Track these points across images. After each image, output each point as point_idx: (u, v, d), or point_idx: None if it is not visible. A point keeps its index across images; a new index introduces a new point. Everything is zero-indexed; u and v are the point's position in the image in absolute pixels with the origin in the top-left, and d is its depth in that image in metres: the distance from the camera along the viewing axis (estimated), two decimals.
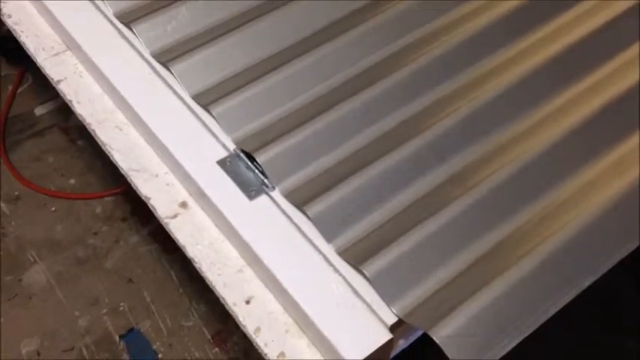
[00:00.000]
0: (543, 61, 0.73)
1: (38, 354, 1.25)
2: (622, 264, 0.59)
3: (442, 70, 0.71)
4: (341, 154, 0.65)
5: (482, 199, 0.62)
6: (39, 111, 1.51)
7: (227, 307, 0.62)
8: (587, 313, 0.60)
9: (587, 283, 0.58)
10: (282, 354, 0.59)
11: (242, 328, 0.61)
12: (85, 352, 1.26)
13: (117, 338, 1.29)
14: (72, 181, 1.46)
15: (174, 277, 1.27)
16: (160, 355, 1.27)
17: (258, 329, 0.60)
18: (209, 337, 1.23)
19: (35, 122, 1.50)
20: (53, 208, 1.43)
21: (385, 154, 0.64)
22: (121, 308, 1.31)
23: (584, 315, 0.59)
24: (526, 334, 0.55)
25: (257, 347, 0.60)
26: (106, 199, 1.44)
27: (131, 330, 1.31)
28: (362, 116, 0.67)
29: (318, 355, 0.59)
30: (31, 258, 1.35)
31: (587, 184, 0.64)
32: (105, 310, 1.31)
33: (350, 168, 0.64)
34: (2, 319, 1.25)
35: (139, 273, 1.36)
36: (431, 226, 0.60)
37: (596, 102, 0.71)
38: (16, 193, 1.42)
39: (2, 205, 1.42)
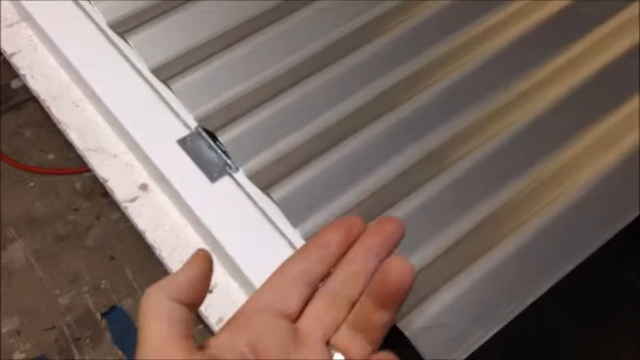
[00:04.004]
0: (528, 28, 0.67)
1: (18, 333, 1.21)
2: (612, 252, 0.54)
3: (417, 41, 0.64)
4: (310, 132, 0.59)
5: (460, 178, 0.57)
6: (15, 84, 1.45)
7: None
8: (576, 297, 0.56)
9: (570, 266, 0.53)
10: None
11: (204, 318, 0.57)
12: (66, 330, 1.23)
13: (99, 316, 1.25)
14: (50, 156, 1.41)
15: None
16: None
17: (220, 319, 0.56)
18: None
19: (12, 96, 1.44)
20: (32, 184, 1.39)
21: (357, 131, 0.59)
22: (103, 286, 1.28)
23: (572, 299, 0.55)
24: (504, 323, 0.50)
25: None
26: (86, 174, 1.39)
27: (113, 308, 1.27)
28: (333, 91, 0.61)
29: None
30: (10, 235, 1.31)
31: (576, 157, 0.59)
32: (86, 288, 1.28)
33: (319, 147, 0.58)
34: None
35: (121, 250, 1.32)
36: (405, 208, 0.55)
37: (586, 70, 0.65)
38: None
39: None
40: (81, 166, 1.37)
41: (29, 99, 1.42)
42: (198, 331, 1.25)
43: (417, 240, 0.54)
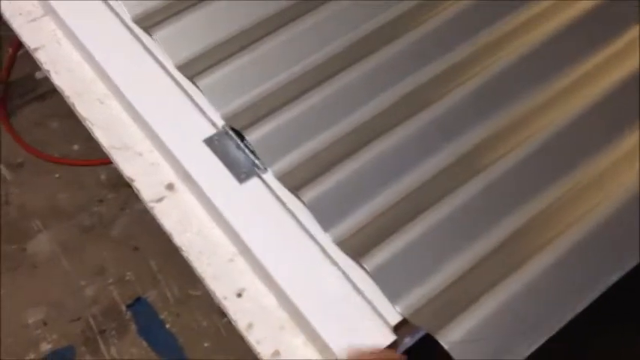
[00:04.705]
0: (566, 23, 0.63)
1: (45, 324, 1.21)
2: None
3: (449, 36, 0.61)
4: (340, 131, 0.57)
5: (494, 183, 0.54)
6: (39, 75, 1.43)
7: (217, 301, 0.56)
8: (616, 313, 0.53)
9: (615, 277, 0.50)
10: (276, 352, 0.53)
11: (233, 323, 0.55)
12: (92, 321, 1.22)
13: (124, 308, 1.24)
14: (76, 146, 1.40)
15: None
16: (167, 325, 1.23)
17: (250, 325, 0.54)
18: (217, 306, 1.19)
19: (36, 86, 1.43)
20: (57, 175, 1.38)
21: (388, 131, 0.56)
22: (128, 277, 1.26)
23: (612, 314, 0.52)
24: (546, 338, 0.48)
25: (249, 345, 0.54)
26: (111, 165, 1.38)
27: (138, 299, 1.26)
28: (363, 88, 0.58)
29: (317, 355, 0.52)
30: (35, 227, 1.30)
31: (614, 163, 0.56)
32: (111, 280, 1.27)
33: (350, 147, 0.56)
34: (5, 290, 1.20)
35: (146, 241, 1.30)
36: (438, 214, 0.52)
37: (630, 65, 0.62)
38: (19, 159, 1.36)
39: (5, 171, 1.36)
40: (106, 158, 1.37)
41: (53, 90, 1.41)
42: (224, 324, 1.23)
43: (452, 248, 0.51)
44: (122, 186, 1.37)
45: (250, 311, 0.54)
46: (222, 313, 1.20)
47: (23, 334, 1.18)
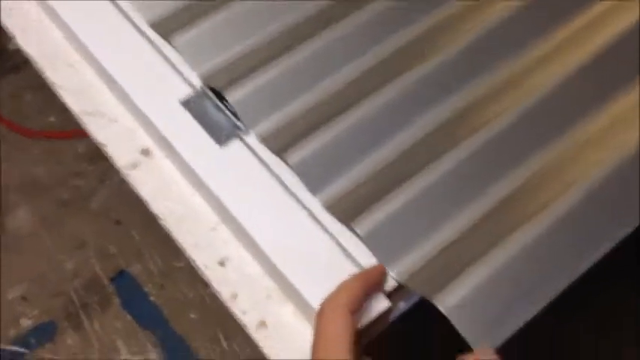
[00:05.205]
0: None
1: (25, 299, 1.17)
2: None
3: None
4: (325, 90, 0.53)
5: (492, 141, 0.51)
6: (13, 45, 1.38)
7: (199, 271, 0.52)
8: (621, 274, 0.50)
9: (622, 234, 0.47)
10: (262, 323, 0.50)
11: (216, 294, 0.52)
12: (74, 296, 1.19)
13: (106, 281, 1.21)
14: (52, 118, 1.35)
15: None
16: (151, 297, 1.20)
17: (234, 295, 0.51)
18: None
19: (9, 57, 1.37)
20: (34, 148, 1.33)
21: (376, 90, 0.53)
22: (109, 251, 1.23)
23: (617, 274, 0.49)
24: (545, 303, 0.45)
25: (234, 316, 0.51)
26: (89, 137, 1.33)
27: (121, 272, 1.23)
28: (347, 47, 0.54)
29: (306, 324, 0.49)
30: (13, 201, 1.26)
31: (619, 117, 0.53)
32: (92, 254, 1.24)
33: (336, 107, 0.52)
34: None
35: (127, 214, 1.27)
36: (432, 174, 0.49)
37: (616, 27, 0.58)
38: None
39: None
40: (83, 129, 1.32)
41: (28, 60, 1.36)
42: (209, 294, 1.20)
43: (448, 210, 0.48)
44: (100, 158, 1.32)
45: (234, 281, 0.51)
46: (206, 284, 1.17)
47: (3, 310, 1.15)
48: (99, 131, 0.57)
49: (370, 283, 0.45)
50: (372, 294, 0.46)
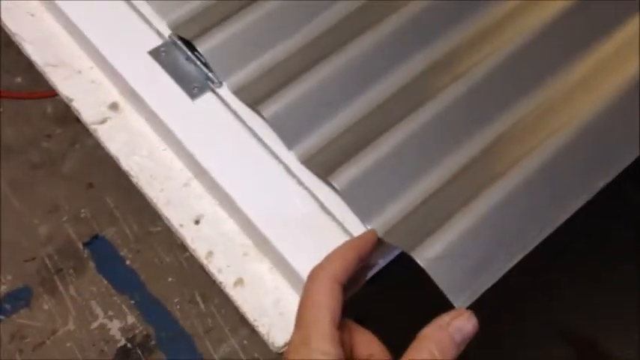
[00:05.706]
0: None
1: None
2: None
3: None
4: (301, 39, 0.51)
5: (471, 91, 0.49)
6: None
7: (173, 230, 0.51)
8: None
9: (601, 183, 0.46)
10: (239, 281, 0.48)
11: (191, 252, 0.50)
12: (47, 261, 1.16)
13: (80, 246, 1.19)
14: (18, 79, 1.30)
15: None
16: (127, 262, 1.18)
17: (210, 253, 0.49)
18: (180, 241, 1.14)
19: None
20: (0, 110, 1.29)
21: (353, 38, 0.50)
22: (83, 215, 1.20)
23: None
24: (527, 251, 0.44)
25: (210, 274, 0.49)
26: (58, 97, 1.29)
27: (95, 237, 1.20)
28: None
29: (283, 282, 0.48)
30: None
31: (600, 64, 0.51)
32: (66, 218, 1.21)
33: (312, 57, 0.50)
34: None
35: (100, 177, 1.24)
36: (410, 126, 0.47)
37: None
38: None
39: None
40: (52, 90, 1.27)
41: None
42: (186, 258, 1.18)
43: (425, 162, 0.47)
44: (71, 120, 1.29)
45: (210, 238, 0.49)
46: (183, 248, 1.15)
47: None
48: (64, 85, 0.54)
49: (363, 251, 0.43)
50: (364, 262, 0.43)
